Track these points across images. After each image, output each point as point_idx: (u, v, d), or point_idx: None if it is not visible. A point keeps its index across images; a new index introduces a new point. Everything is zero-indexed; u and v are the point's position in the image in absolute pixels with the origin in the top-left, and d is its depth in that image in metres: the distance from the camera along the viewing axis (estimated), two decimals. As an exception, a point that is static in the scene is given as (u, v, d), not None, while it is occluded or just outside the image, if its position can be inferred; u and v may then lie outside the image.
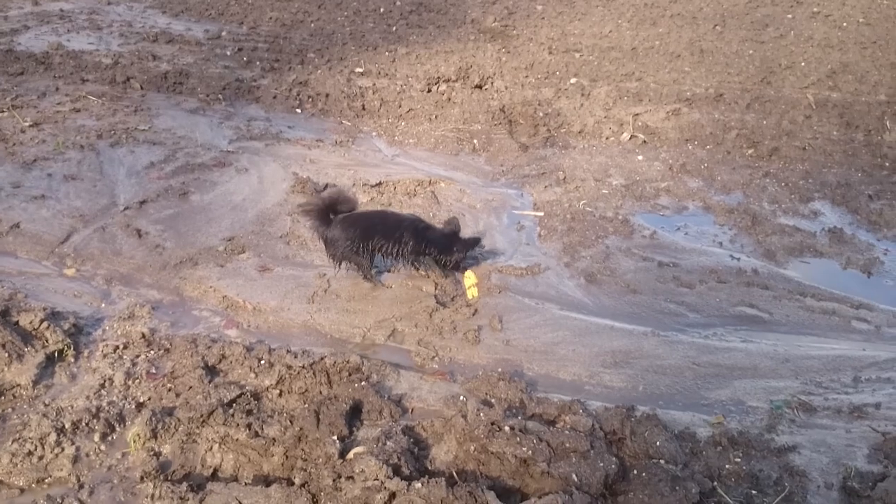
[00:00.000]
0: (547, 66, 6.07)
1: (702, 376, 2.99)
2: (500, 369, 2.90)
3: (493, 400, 2.71)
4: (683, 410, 2.78)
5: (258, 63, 6.20)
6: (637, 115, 5.37)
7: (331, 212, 3.43)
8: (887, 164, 4.87)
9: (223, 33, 7.24)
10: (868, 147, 5.04)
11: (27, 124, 4.64)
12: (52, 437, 2.45)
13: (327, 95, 5.57)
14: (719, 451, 2.50)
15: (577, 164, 4.82)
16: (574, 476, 2.28)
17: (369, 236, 3.38)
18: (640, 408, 2.74)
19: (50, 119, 4.95)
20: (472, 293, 3.48)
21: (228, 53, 6.61)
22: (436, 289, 3.50)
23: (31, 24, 7.24)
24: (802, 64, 6.18)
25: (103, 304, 3.24)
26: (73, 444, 2.45)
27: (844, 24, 7.01)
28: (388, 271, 3.62)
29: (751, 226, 4.18)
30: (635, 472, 2.33)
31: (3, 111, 4.78)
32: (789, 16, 7.23)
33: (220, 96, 5.68)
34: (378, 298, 3.41)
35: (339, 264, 3.49)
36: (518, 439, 2.38)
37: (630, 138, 5.15)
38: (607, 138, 5.17)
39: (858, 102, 5.53)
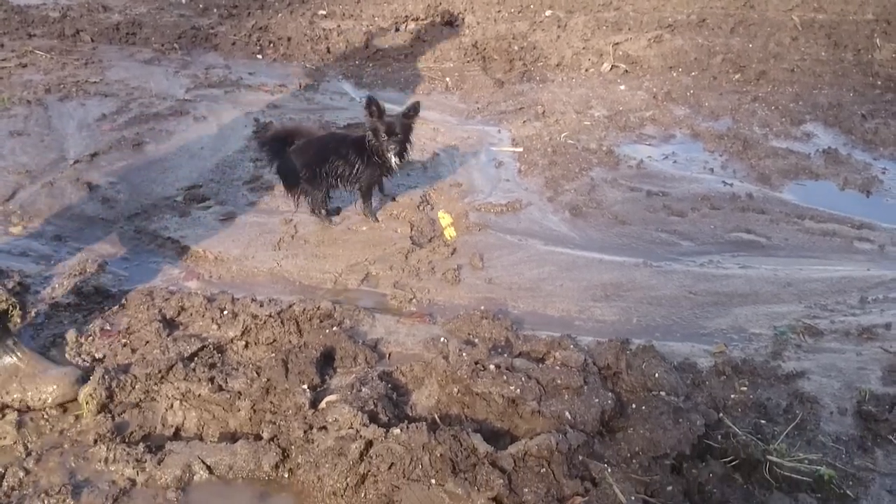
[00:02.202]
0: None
1: (699, 305, 2.79)
2: (482, 308, 2.68)
3: (476, 340, 2.50)
4: (682, 341, 2.59)
5: (215, 10, 5.88)
6: (617, 44, 5.12)
7: (287, 144, 3.19)
8: (879, 82, 4.66)
9: (179, -17, 6.87)
10: (858, 66, 4.83)
11: None
12: (-8, 402, 2.22)
13: (289, 39, 5.27)
14: (723, 381, 2.32)
15: (557, 98, 4.57)
16: (567, 414, 2.08)
17: (324, 159, 3.14)
18: (636, 340, 2.54)
19: (-6, 75, 4.64)
20: (448, 233, 3.25)
21: (183, 1, 6.26)
22: (411, 230, 3.26)
23: (-26, -17, 6.83)
24: (786, -14, 5.92)
25: (52, 262, 2.98)
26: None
27: (827, -55, 6.73)
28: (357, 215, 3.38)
29: (742, 151, 3.96)
30: (634, 406, 2.13)
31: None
32: (769, -60, 6.94)
33: (175, 45, 5.36)
34: (349, 242, 3.18)
35: (296, 199, 3.26)
36: (504, 378, 2.17)
37: (611, 69, 4.91)
38: (587, 70, 4.92)
39: (846, 22, 5.30)
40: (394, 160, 3.15)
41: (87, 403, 2.27)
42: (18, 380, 2.30)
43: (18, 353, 2.34)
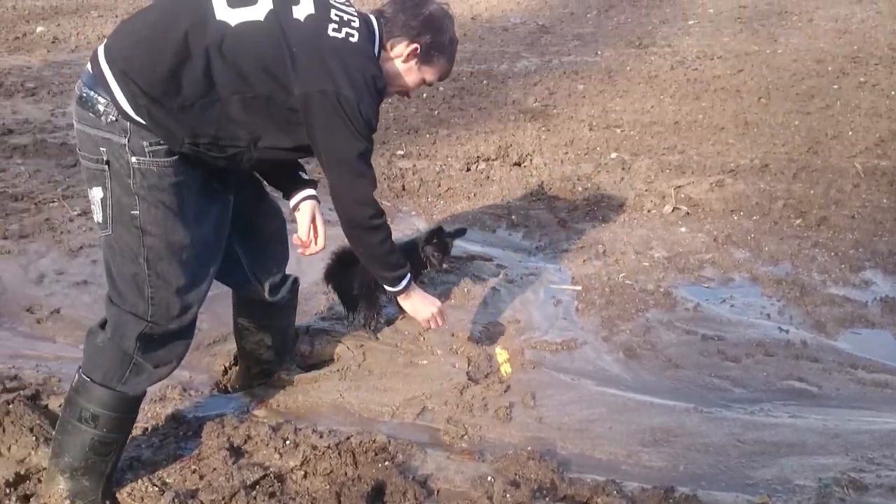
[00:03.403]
0: (587, 142, 6.07)
1: (747, 454, 2.82)
2: (530, 448, 2.78)
3: (521, 481, 2.60)
4: (727, 491, 2.62)
5: (303, 149, 6.37)
6: (679, 187, 5.30)
7: (343, 265, 3.53)
8: (943, 230, 4.67)
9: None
10: (921, 214, 4.86)
11: (76, 213, 4.79)
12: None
13: (368, 177, 5.64)
14: (765, 535, 2.34)
15: (618, 238, 4.75)
16: (603, 561, 2.14)
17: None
18: (680, 489, 2.59)
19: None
20: (504, 369, 3.39)
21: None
22: (468, 365, 3.42)
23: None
24: (850, 133, 6.05)
25: (136, 386, 3.23)
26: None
27: (892, 92, 6.88)
28: (423, 349, 3.56)
29: (799, 297, 4.02)
30: (671, 557, 2.18)
31: (54, 201, 4.96)
32: (835, 86, 7.14)
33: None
34: (410, 375, 3.35)
35: (356, 313, 3.59)
36: (544, 522, 2.26)
37: (672, 210, 5.07)
38: (648, 211, 5.10)
39: (910, 168, 5.37)
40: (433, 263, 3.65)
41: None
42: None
43: None
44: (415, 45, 2.52)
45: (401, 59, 2.54)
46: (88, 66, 2.28)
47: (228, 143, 2.35)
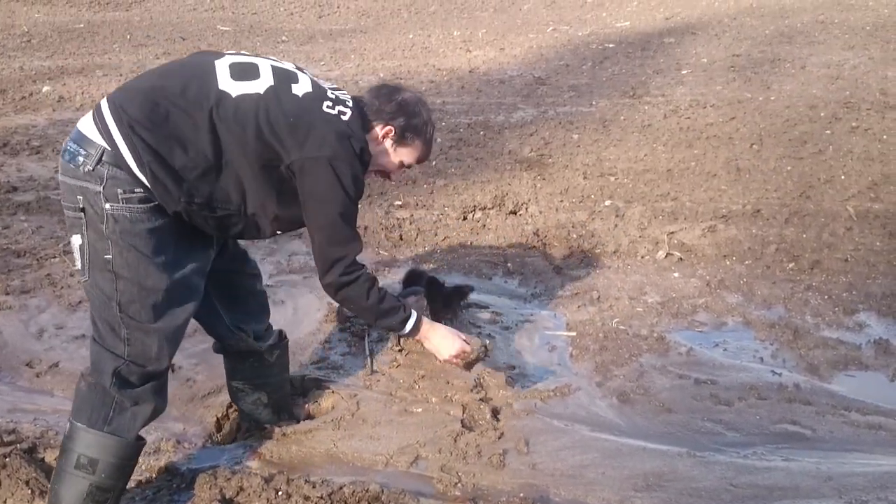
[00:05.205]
0: (581, 191, 6.15)
1: (739, 498, 2.82)
2: (522, 494, 2.79)
3: (513, 527, 2.60)
4: (719, 535, 2.62)
5: (302, 201, 6.45)
6: (672, 233, 5.36)
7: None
8: (936, 272, 4.70)
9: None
10: (914, 256, 4.90)
11: (77, 268, 4.85)
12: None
13: (366, 228, 5.72)
14: (756, 579, 2.33)
15: (612, 284, 4.79)
16: None
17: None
18: (672, 533, 2.59)
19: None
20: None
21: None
22: (463, 412, 3.44)
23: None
24: (842, 177, 6.12)
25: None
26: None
27: (885, 136, 6.97)
28: (416, 398, 3.58)
29: (793, 340, 4.04)
30: None
31: (55, 257, 5.04)
32: (828, 131, 7.23)
33: (263, 233, 5.89)
34: (404, 423, 3.37)
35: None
36: (533, 568, 2.26)
37: (665, 256, 5.12)
38: (642, 257, 5.15)
39: (902, 211, 5.43)
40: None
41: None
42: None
43: None
44: (389, 127, 2.69)
45: (376, 141, 2.70)
46: (83, 121, 2.39)
47: (220, 205, 2.47)
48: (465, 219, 5.84)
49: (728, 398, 3.53)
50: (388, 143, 2.71)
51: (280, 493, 2.80)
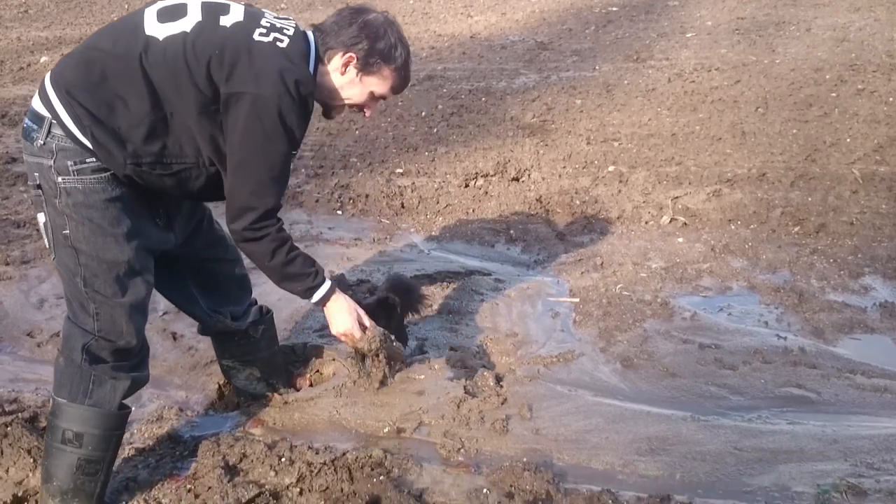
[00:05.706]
0: (585, 156, 6.09)
1: (744, 461, 2.81)
2: (525, 459, 2.78)
3: (516, 492, 2.59)
4: (724, 498, 2.61)
5: (303, 170, 6.38)
6: (677, 198, 5.31)
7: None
8: (942, 235, 4.66)
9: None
10: (920, 218, 4.86)
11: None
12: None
13: (367, 196, 5.68)
14: (760, 542, 2.32)
15: (615, 250, 4.75)
16: (596, 570, 2.13)
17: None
18: (677, 497, 2.59)
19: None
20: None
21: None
22: (466, 379, 3.42)
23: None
24: (848, 140, 6.05)
25: (134, 408, 3.24)
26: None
27: (891, 98, 6.89)
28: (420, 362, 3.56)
29: (798, 303, 4.01)
30: (664, 565, 2.17)
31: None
32: (833, 94, 7.15)
33: (264, 202, 5.84)
34: (407, 390, 3.35)
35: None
36: (536, 532, 2.25)
37: (670, 221, 5.08)
38: (646, 222, 5.11)
39: (909, 173, 5.37)
40: None
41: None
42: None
43: None
44: (350, 55, 2.39)
45: (338, 71, 2.42)
46: (34, 96, 2.30)
47: (174, 159, 2.30)
48: (467, 186, 5.79)
49: (733, 362, 3.51)
50: (351, 72, 2.41)
51: (283, 459, 2.79)
